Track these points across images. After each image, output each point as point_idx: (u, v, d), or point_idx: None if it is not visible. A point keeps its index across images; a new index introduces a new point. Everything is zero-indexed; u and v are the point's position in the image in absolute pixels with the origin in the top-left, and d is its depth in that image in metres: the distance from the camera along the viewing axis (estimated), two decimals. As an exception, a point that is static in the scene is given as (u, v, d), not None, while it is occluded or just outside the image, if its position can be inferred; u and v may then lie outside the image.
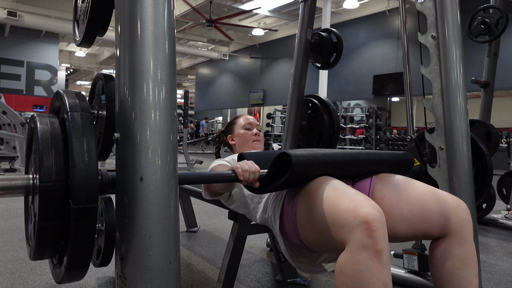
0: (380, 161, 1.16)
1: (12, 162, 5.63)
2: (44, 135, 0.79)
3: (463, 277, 0.99)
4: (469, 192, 1.44)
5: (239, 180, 1.02)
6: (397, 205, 1.06)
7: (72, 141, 0.77)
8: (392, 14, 11.95)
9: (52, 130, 0.81)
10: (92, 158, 0.78)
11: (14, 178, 0.82)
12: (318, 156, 1.02)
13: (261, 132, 1.68)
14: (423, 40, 1.56)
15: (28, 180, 0.83)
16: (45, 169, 0.76)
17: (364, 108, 9.16)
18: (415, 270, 1.73)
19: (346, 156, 1.07)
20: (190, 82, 26.50)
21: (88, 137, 0.78)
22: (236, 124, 1.67)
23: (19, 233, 2.35)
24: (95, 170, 0.78)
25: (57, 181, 0.77)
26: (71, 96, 0.85)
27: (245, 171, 1.01)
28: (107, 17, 1.16)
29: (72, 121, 0.79)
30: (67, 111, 0.80)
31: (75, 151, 0.76)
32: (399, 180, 1.13)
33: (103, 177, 0.86)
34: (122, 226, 0.84)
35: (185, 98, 6.95)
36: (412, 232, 1.04)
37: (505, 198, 3.66)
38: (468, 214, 1.04)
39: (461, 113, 1.47)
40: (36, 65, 15.99)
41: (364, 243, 0.83)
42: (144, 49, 0.84)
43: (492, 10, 2.82)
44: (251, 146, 1.61)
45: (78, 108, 0.82)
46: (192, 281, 1.75)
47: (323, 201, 0.95)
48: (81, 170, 0.76)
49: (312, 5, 2.30)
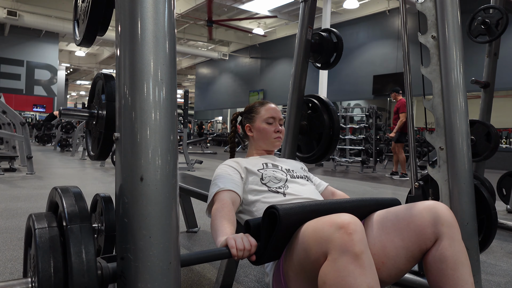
0: (365, 207, 1.17)
1: (11, 162, 5.63)
2: (43, 250, 0.80)
3: (458, 276, 1.00)
4: (469, 193, 1.44)
5: (234, 258, 0.99)
6: (388, 241, 1.07)
7: (71, 260, 0.77)
8: (392, 14, 11.94)
9: (51, 243, 0.81)
10: (91, 274, 0.78)
11: (13, 284, 0.83)
12: (305, 206, 1.04)
13: (283, 124, 1.57)
14: (423, 40, 1.56)
15: (26, 284, 0.83)
16: (44, 282, 0.77)
17: (364, 108, 9.15)
18: (415, 270, 1.73)
19: (332, 205, 1.09)
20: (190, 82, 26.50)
21: (87, 254, 0.79)
22: (258, 114, 1.53)
23: (19, 233, 2.35)
24: (94, 282, 0.78)
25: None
26: (70, 203, 0.84)
27: (240, 250, 0.97)
28: (107, 16, 1.16)
29: (71, 236, 0.79)
30: (66, 223, 0.81)
31: (75, 272, 0.77)
32: (379, 214, 1.14)
33: (103, 272, 0.85)
34: (122, 226, 0.84)
35: (185, 98, 6.95)
36: (412, 256, 1.05)
37: (505, 198, 3.67)
38: (450, 214, 1.05)
39: (461, 113, 1.46)
40: (36, 65, 16.00)
41: (342, 247, 0.85)
42: (145, 49, 0.84)
43: (492, 10, 2.82)
44: (271, 144, 1.52)
45: (77, 219, 0.82)
46: (192, 281, 1.75)
47: (305, 231, 0.97)
48: (80, 286, 0.76)
49: (312, 5, 2.30)
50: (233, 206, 1.23)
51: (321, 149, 2.30)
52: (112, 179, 4.98)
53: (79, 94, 33.10)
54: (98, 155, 1.26)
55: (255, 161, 1.46)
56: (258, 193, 1.34)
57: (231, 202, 1.23)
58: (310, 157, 2.36)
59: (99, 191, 1.39)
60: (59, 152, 9.88)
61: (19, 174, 5.20)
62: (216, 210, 1.19)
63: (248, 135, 1.56)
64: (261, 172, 1.39)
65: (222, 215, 1.16)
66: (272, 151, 1.57)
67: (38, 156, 8.05)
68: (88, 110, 1.28)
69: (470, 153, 1.46)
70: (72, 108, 1.37)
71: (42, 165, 6.41)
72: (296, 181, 1.41)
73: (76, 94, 33.34)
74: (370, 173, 7.63)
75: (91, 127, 1.32)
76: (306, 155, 2.40)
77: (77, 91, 32.29)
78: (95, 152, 1.27)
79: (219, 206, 1.20)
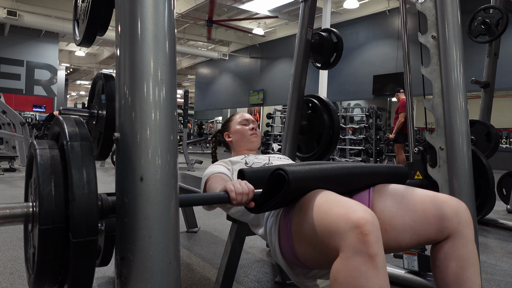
0: (375, 174, 1.16)
1: (11, 162, 5.63)
2: (43, 166, 0.78)
3: (467, 277, 0.99)
4: (469, 192, 1.44)
5: (232, 202, 0.99)
6: (399, 215, 1.06)
7: (71, 173, 0.76)
8: (392, 14, 11.94)
9: (51, 161, 0.80)
10: (92, 190, 0.77)
11: (14, 207, 0.81)
12: (314, 171, 1.01)
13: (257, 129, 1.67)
14: (424, 40, 1.56)
15: (27, 208, 0.82)
16: (44, 202, 0.76)
17: (364, 108, 9.16)
18: (415, 270, 1.73)
19: (341, 170, 1.07)
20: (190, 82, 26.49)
21: (88, 168, 0.78)
22: (232, 121, 1.67)
23: (19, 233, 2.35)
24: (95, 202, 0.77)
25: (56, 214, 0.76)
26: (70, 124, 0.84)
27: (239, 194, 0.98)
28: (107, 16, 1.16)
29: (71, 152, 0.78)
30: (66, 140, 0.80)
31: (75, 184, 0.75)
32: (398, 189, 1.12)
33: (103, 203, 0.85)
34: (122, 226, 0.84)
35: (185, 98, 6.95)
36: (416, 240, 1.04)
37: (505, 198, 3.67)
38: (469, 214, 1.04)
39: (461, 113, 1.47)
40: (36, 65, 15.99)
41: (357, 248, 0.82)
42: (145, 49, 0.84)
43: (493, 10, 2.82)
44: (249, 141, 1.61)
45: (78, 137, 0.81)
46: (192, 281, 1.75)
47: (316, 211, 0.94)
48: (81, 203, 0.75)
49: (312, 5, 2.30)
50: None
51: (321, 149, 2.30)
52: (112, 179, 4.98)
53: (79, 94, 33.09)
54: (98, 155, 1.26)
55: (237, 157, 1.53)
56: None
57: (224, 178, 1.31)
58: (310, 157, 2.36)
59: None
60: (59, 152, 9.87)
61: (19, 174, 5.20)
62: (210, 180, 1.29)
63: (228, 141, 1.66)
64: (243, 159, 1.48)
65: (217, 180, 1.25)
66: (254, 150, 1.64)
67: (38, 156, 8.03)
68: (88, 110, 1.29)
69: (470, 153, 1.46)
70: (72, 108, 1.37)
71: (42, 165, 6.40)
72: (280, 160, 1.50)
73: (76, 94, 33.34)
74: (370, 173, 7.60)
75: (91, 127, 1.32)
76: (306, 155, 2.40)
77: (77, 91, 32.28)
78: (95, 152, 1.27)
79: (214, 177, 1.30)
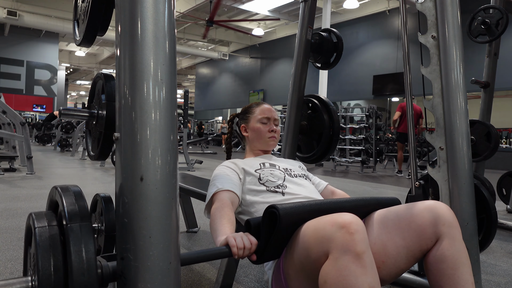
0: (366, 206, 1.17)
1: (11, 162, 5.63)
2: (42, 248, 0.79)
3: (459, 276, 1.00)
4: (469, 192, 1.44)
5: (234, 257, 0.99)
6: (389, 241, 1.07)
7: (71, 257, 0.77)
8: (392, 14, 11.94)
9: (50, 241, 0.81)
10: (92, 275, 0.78)
11: (13, 283, 0.82)
12: (304, 206, 1.04)
13: (279, 125, 1.57)
14: (423, 40, 1.56)
15: (27, 283, 0.83)
16: (43, 283, 0.77)
17: (364, 108, 9.15)
18: (415, 270, 1.73)
19: (331, 204, 1.08)
20: (190, 82, 26.49)
21: (87, 249, 0.79)
22: (253, 115, 1.54)
23: (19, 233, 2.35)
24: (95, 283, 0.78)
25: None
26: (70, 203, 0.84)
27: (240, 249, 0.97)
28: (107, 16, 1.16)
29: (71, 234, 0.79)
30: (66, 221, 0.81)
31: (74, 269, 0.76)
32: (381, 213, 1.14)
33: (103, 271, 0.85)
34: (122, 226, 0.84)
35: (185, 98, 6.95)
36: (412, 256, 1.05)
37: (505, 198, 3.67)
38: (452, 214, 1.06)
39: (461, 113, 1.47)
40: (36, 65, 16.00)
41: (344, 246, 0.85)
42: (145, 49, 0.84)
43: (492, 10, 2.82)
44: (266, 144, 1.52)
45: (77, 218, 0.82)
46: (192, 281, 1.75)
47: (305, 230, 0.97)
48: (81, 286, 0.76)
49: (312, 5, 2.30)
50: (232, 206, 1.23)
51: (321, 149, 2.30)
52: (112, 179, 4.98)
53: (79, 94, 33.10)
54: (98, 155, 1.26)
55: (252, 161, 1.46)
56: (257, 193, 1.33)
57: (230, 202, 1.23)
58: (310, 157, 2.36)
59: (99, 191, 1.39)
60: (59, 152, 9.88)
61: (19, 174, 5.20)
62: (216, 209, 1.18)
63: (244, 135, 1.57)
64: (258, 172, 1.39)
65: (221, 214, 1.15)
66: (269, 151, 1.57)
67: (38, 156, 8.05)
68: (88, 110, 1.28)
69: (470, 153, 1.46)
70: (72, 108, 1.37)
71: (42, 165, 6.41)
72: (295, 181, 1.40)
73: (76, 94, 33.35)
74: (370, 173, 7.62)
75: (91, 127, 1.32)
76: (306, 155, 2.40)
77: (77, 91, 32.29)
78: (95, 152, 1.27)
79: (219, 205, 1.20)
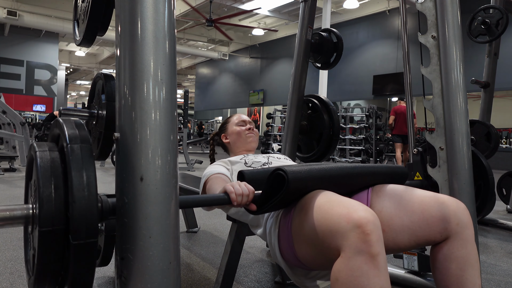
0: (374, 174, 1.16)
1: (11, 162, 5.63)
2: (43, 169, 0.78)
3: (467, 278, 0.99)
4: (469, 193, 1.44)
5: (232, 204, 0.98)
6: (397, 216, 1.05)
7: (71, 175, 0.76)
8: (392, 14, 11.94)
9: (51, 163, 0.80)
10: (92, 192, 0.77)
11: (14, 209, 0.81)
12: (313, 171, 1.01)
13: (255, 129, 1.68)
14: (423, 40, 1.55)
15: (27, 210, 0.82)
16: (44, 205, 0.75)
17: (364, 108, 9.16)
18: (415, 270, 1.73)
19: (341, 170, 1.06)
20: (190, 82, 26.49)
21: (87, 170, 0.77)
22: (229, 123, 1.68)
23: (19, 233, 2.35)
24: (95, 204, 0.77)
25: (56, 216, 0.76)
26: (70, 127, 0.83)
27: (239, 195, 0.97)
28: (107, 16, 1.16)
29: (71, 154, 0.78)
30: (66, 143, 0.79)
31: (75, 186, 0.75)
32: (396, 189, 1.12)
33: (103, 204, 0.85)
34: (122, 226, 0.84)
35: (185, 98, 6.95)
36: (415, 241, 1.04)
37: (505, 198, 3.67)
38: (468, 215, 1.03)
39: (461, 113, 1.46)
40: (36, 65, 15.98)
41: (358, 247, 0.82)
42: (145, 49, 0.84)
43: (493, 10, 2.82)
44: (246, 141, 1.62)
45: (77, 139, 0.81)
46: (192, 281, 1.75)
47: (316, 211, 0.94)
48: (81, 205, 0.75)
49: (312, 5, 2.30)
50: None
51: (321, 149, 2.30)
52: (112, 179, 4.97)
53: (79, 94, 33.08)
54: (98, 155, 1.26)
55: (236, 157, 1.52)
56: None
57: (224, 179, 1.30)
58: (310, 157, 2.36)
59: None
60: (59, 152, 9.87)
61: (19, 174, 5.19)
62: (210, 180, 1.27)
63: (225, 143, 1.67)
64: (243, 159, 1.47)
65: (217, 181, 1.23)
66: (252, 151, 1.64)
67: (38, 156, 8.03)
68: (88, 110, 1.29)
69: (470, 153, 1.46)
70: (72, 108, 1.37)
71: (42, 165, 6.40)
72: (279, 160, 1.49)
73: (76, 94, 33.33)
74: (370, 173, 7.62)
75: (91, 127, 1.32)
76: (306, 155, 2.40)
77: (77, 91, 32.28)
78: (95, 152, 1.27)
79: (213, 178, 1.29)
